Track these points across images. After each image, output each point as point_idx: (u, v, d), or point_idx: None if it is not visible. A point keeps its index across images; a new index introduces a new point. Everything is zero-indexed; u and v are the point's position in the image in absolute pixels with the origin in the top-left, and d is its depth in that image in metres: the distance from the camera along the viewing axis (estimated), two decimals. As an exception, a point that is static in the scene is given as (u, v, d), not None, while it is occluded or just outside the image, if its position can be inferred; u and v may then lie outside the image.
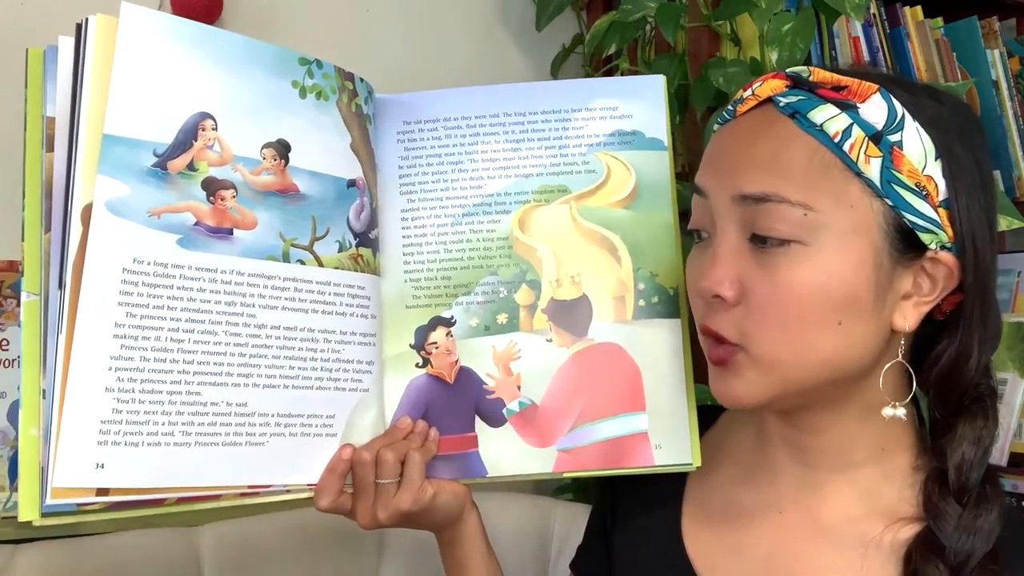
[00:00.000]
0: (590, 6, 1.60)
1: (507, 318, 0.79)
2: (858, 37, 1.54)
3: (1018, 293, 1.55)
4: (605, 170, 0.80)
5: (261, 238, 0.70)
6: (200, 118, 0.68)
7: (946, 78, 1.63)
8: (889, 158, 0.64)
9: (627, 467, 0.77)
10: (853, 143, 0.64)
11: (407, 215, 0.80)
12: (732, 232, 0.66)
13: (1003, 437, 1.40)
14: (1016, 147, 1.67)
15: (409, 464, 0.74)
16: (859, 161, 0.64)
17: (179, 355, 0.66)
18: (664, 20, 1.27)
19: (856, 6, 1.24)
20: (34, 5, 1.23)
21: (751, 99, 0.69)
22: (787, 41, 1.21)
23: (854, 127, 0.64)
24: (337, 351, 0.74)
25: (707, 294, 0.67)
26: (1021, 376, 1.42)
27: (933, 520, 0.66)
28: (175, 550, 1.07)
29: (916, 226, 0.65)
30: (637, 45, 1.46)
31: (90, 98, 0.64)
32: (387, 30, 1.49)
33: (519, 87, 0.81)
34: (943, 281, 0.66)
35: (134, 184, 0.65)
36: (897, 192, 0.64)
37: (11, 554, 1.00)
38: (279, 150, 0.72)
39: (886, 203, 0.64)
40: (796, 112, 0.66)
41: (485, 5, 1.57)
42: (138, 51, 0.66)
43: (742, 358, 0.66)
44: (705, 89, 1.26)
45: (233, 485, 0.69)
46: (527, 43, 1.60)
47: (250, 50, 0.71)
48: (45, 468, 0.63)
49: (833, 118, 0.65)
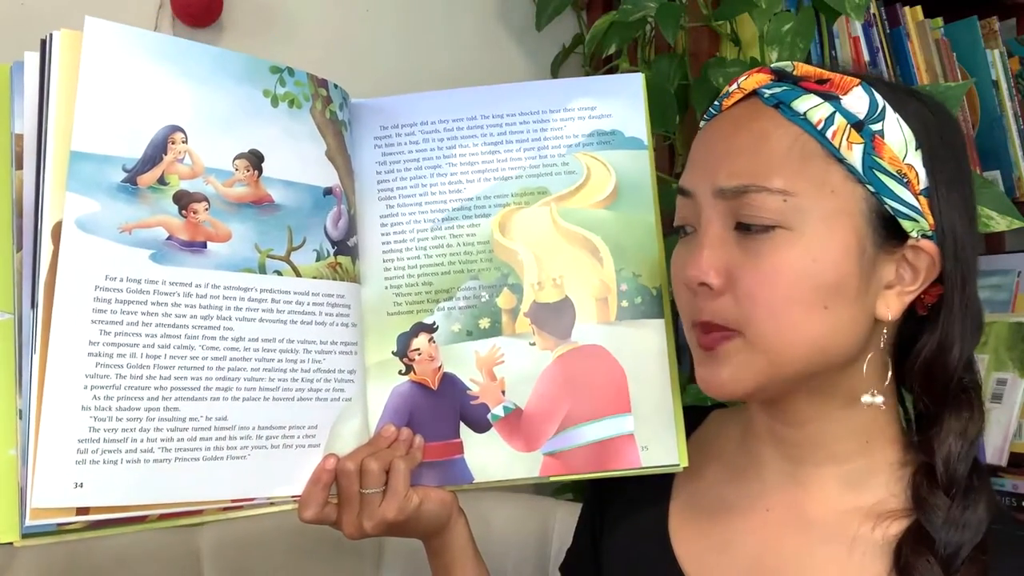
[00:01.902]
0: (590, 6, 1.59)
1: (489, 323, 0.78)
2: (858, 37, 1.54)
3: (1018, 293, 1.55)
4: (585, 171, 0.79)
5: (236, 250, 0.70)
6: (169, 131, 0.67)
7: (946, 78, 1.63)
8: (871, 145, 0.65)
9: (614, 469, 0.77)
10: (836, 130, 0.65)
11: (386, 221, 0.79)
12: (716, 223, 0.67)
13: (1003, 437, 1.40)
14: (1016, 147, 1.67)
15: (394, 473, 0.73)
16: (841, 147, 0.65)
17: (156, 371, 0.66)
18: (664, 20, 1.27)
19: (856, 6, 1.24)
20: (32, 6, 1.22)
21: (737, 92, 0.70)
22: (787, 41, 1.22)
23: (837, 115, 0.66)
24: (318, 361, 0.73)
25: (693, 283, 0.67)
26: (1021, 376, 1.41)
27: (922, 513, 0.66)
28: (175, 550, 1.07)
29: (897, 212, 0.66)
30: (637, 45, 1.46)
31: (57, 115, 0.63)
32: (387, 30, 1.48)
33: (496, 89, 0.81)
34: (925, 271, 0.67)
35: (104, 200, 0.64)
36: (879, 178, 0.65)
37: (11, 554, 1.00)
38: (252, 160, 0.71)
39: (868, 189, 0.65)
40: (780, 102, 0.67)
41: (485, 5, 1.57)
42: (104, 65, 0.65)
43: (736, 343, 0.66)
44: (705, 89, 1.27)
45: (215, 500, 0.69)
46: (527, 43, 1.59)
47: (219, 60, 0.70)
48: (24, 489, 0.62)
49: (816, 107, 0.66)
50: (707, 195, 0.67)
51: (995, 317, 1.46)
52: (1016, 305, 1.55)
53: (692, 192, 0.69)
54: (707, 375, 0.68)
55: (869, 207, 0.65)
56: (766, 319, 0.65)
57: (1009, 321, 1.44)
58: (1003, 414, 1.39)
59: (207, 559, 1.08)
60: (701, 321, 0.68)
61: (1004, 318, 1.47)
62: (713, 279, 0.66)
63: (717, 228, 0.67)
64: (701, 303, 0.68)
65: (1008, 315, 1.51)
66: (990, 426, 1.40)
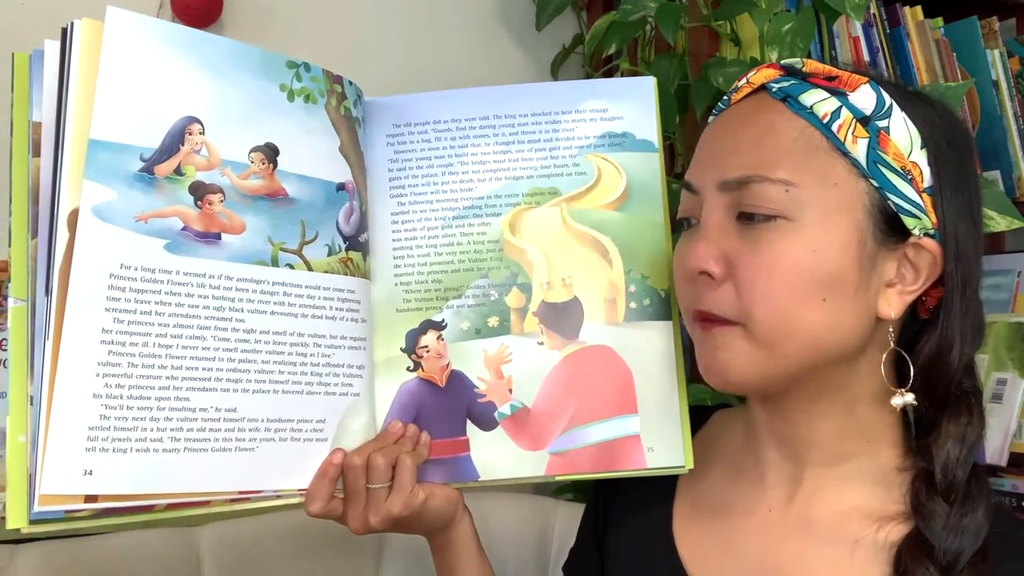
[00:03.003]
0: (590, 6, 1.60)
1: (498, 321, 0.78)
2: (858, 37, 1.55)
3: (1018, 293, 1.55)
4: (596, 172, 0.80)
5: (249, 242, 0.70)
6: (187, 122, 0.68)
7: (946, 78, 1.63)
8: (876, 139, 0.66)
9: (619, 470, 0.77)
10: (841, 124, 0.66)
11: (397, 218, 0.79)
12: (718, 214, 0.68)
13: (1003, 437, 1.40)
14: (1016, 147, 1.67)
15: (400, 469, 0.74)
16: (846, 141, 0.66)
17: (167, 360, 0.66)
18: (664, 20, 1.27)
19: (856, 6, 1.24)
20: (32, 7, 1.22)
21: (745, 87, 0.71)
22: (787, 41, 1.22)
23: (843, 109, 0.66)
24: (327, 355, 0.73)
25: (694, 272, 0.67)
26: (1021, 376, 1.41)
27: (921, 520, 0.66)
28: (175, 550, 1.07)
29: (900, 208, 0.66)
30: (637, 45, 1.46)
31: (76, 103, 0.64)
32: (387, 30, 1.48)
33: (509, 89, 0.81)
34: (926, 270, 0.67)
35: (121, 189, 0.65)
36: (882, 173, 0.66)
37: (11, 554, 1.00)
38: (267, 154, 0.71)
39: (871, 184, 0.66)
40: (788, 96, 0.68)
41: (485, 5, 1.57)
42: (124, 55, 0.65)
43: (736, 331, 0.66)
44: (705, 89, 1.27)
45: (223, 491, 0.69)
46: (527, 43, 1.60)
47: (237, 53, 0.70)
48: (33, 475, 0.62)
49: (823, 100, 0.67)
50: (711, 188, 0.68)
51: (995, 317, 1.46)
52: (1016, 305, 1.55)
53: (696, 186, 0.70)
54: (707, 359, 0.68)
55: (871, 202, 0.66)
56: (765, 308, 0.65)
57: (1009, 321, 1.44)
58: (1003, 414, 1.39)
59: (207, 559, 1.08)
60: (701, 311, 0.68)
61: (1004, 318, 1.47)
62: (713, 267, 0.67)
63: (718, 219, 0.68)
64: (701, 292, 0.68)
65: (1008, 315, 1.50)
66: (990, 426, 1.40)
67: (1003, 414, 1.39)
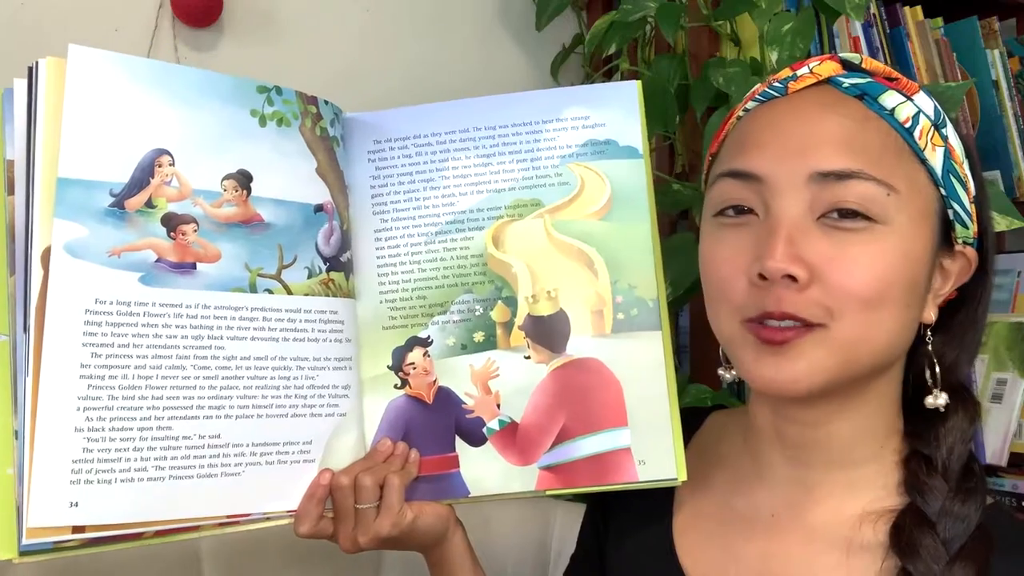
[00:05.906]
0: (590, 6, 1.59)
1: (484, 336, 0.78)
2: (858, 37, 1.55)
3: (1018, 293, 1.55)
4: (579, 181, 0.78)
5: (226, 270, 0.70)
6: (156, 154, 0.68)
7: (946, 78, 1.63)
8: (947, 148, 0.66)
9: (611, 484, 0.76)
10: (921, 130, 0.66)
11: (380, 235, 0.79)
12: (797, 210, 0.63)
13: (1003, 437, 1.38)
14: (1016, 147, 1.68)
15: (388, 488, 0.74)
16: (925, 149, 0.66)
17: (148, 391, 0.67)
18: (664, 20, 1.27)
19: (856, 6, 1.23)
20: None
21: (808, 77, 0.68)
22: (787, 41, 1.20)
23: (921, 115, 0.66)
24: (311, 377, 0.74)
25: (776, 275, 0.62)
26: (1021, 376, 1.39)
27: (920, 496, 0.66)
28: (175, 550, 1.08)
29: (958, 218, 0.67)
30: (637, 45, 1.45)
31: (43, 141, 0.64)
32: (386, 30, 1.48)
33: (489, 100, 0.80)
34: (956, 276, 0.68)
35: (92, 225, 0.65)
36: (952, 183, 0.66)
37: (11, 552, 1.02)
38: (240, 180, 0.71)
39: (940, 192, 0.66)
40: (865, 94, 0.66)
41: (485, 5, 1.57)
42: (88, 92, 0.66)
43: (816, 337, 0.63)
44: (705, 89, 1.26)
45: (211, 516, 0.70)
46: (527, 43, 1.59)
47: (205, 82, 0.70)
48: (21, 507, 0.64)
49: (901, 104, 0.66)
50: (793, 178, 0.63)
51: (995, 317, 1.45)
52: (1016, 305, 1.55)
53: (764, 175, 0.64)
54: (773, 372, 0.64)
55: (938, 210, 0.66)
56: (857, 314, 0.62)
57: (1009, 321, 1.43)
58: (1003, 414, 1.38)
59: (207, 561, 1.09)
60: (779, 312, 0.63)
61: (1004, 318, 1.46)
62: (801, 271, 0.62)
63: (797, 215, 0.63)
64: (782, 295, 0.63)
65: (1008, 315, 1.50)
66: (990, 426, 1.38)
67: (1003, 414, 1.37)
